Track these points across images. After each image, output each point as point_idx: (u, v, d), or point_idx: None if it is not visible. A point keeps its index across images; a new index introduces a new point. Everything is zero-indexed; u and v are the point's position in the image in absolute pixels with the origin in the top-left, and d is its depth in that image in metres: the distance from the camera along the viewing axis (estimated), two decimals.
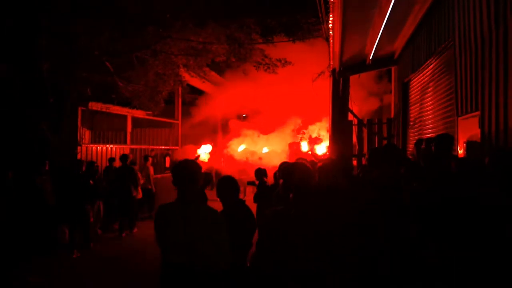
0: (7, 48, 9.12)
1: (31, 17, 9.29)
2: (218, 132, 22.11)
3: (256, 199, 6.58)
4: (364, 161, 10.81)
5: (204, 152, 15.76)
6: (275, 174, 5.87)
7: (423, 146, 4.89)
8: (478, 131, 4.71)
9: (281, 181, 2.76)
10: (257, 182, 7.00)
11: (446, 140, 4.05)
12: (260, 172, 6.97)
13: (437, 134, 6.58)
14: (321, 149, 15.33)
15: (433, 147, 4.08)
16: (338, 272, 2.33)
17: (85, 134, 12.78)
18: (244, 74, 14.44)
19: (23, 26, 9.19)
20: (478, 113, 4.80)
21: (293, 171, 2.65)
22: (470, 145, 4.01)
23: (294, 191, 2.54)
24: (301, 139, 16.55)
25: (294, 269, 2.35)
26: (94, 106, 12.58)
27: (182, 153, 16.83)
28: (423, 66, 7.81)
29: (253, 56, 13.15)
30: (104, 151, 13.09)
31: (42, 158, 8.97)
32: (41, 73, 9.57)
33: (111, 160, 11.46)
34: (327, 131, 14.46)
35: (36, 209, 8.20)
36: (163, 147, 17.57)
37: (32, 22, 9.25)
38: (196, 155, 13.55)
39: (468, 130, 5.05)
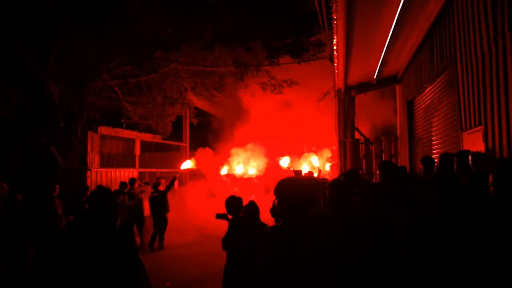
0: (19, 73, 9.41)
1: (43, 42, 9.60)
2: None
3: (225, 243, 4.53)
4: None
5: (185, 167, 15.54)
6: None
7: (436, 164, 4.95)
8: (483, 145, 4.74)
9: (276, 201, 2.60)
10: (230, 217, 4.69)
11: (466, 156, 4.16)
12: (235, 204, 4.72)
13: (443, 150, 6.63)
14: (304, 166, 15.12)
15: (455, 163, 4.17)
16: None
17: (94, 158, 12.97)
18: (251, 95, 14.65)
19: (35, 51, 9.50)
20: (481, 127, 4.84)
21: (287, 190, 2.47)
22: (475, 156, 4.07)
23: (287, 211, 2.44)
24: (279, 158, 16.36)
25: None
26: (104, 130, 12.81)
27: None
28: (426, 84, 7.89)
29: (260, 77, 13.37)
30: (113, 176, 13.23)
31: (52, 182, 9.10)
32: (52, 98, 9.82)
33: (123, 185, 11.45)
34: (331, 151, 14.50)
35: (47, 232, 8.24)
36: (171, 170, 17.67)
37: (44, 47, 9.56)
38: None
39: (473, 144, 5.08)
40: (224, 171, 16.77)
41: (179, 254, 9.14)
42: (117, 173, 13.49)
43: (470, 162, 4.09)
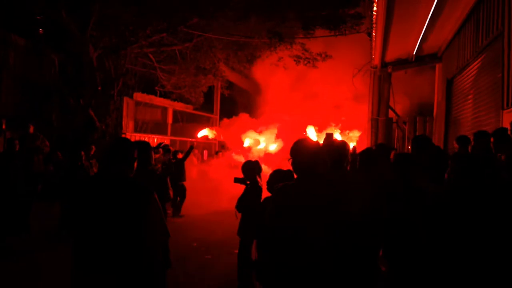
0: (62, 38, 9.71)
1: (83, 8, 9.83)
2: None
3: (239, 204, 4.78)
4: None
5: (202, 135, 15.48)
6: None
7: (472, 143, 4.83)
8: None
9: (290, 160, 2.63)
10: (247, 182, 4.86)
11: (504, 134, 4.06)
12: (250, 168, 4.83)
13: (478, 129, 6.42)
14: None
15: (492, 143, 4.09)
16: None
17: (129, 123, 13.34)
18: (284, 68, 14.46)
19: (76, 17, 9.74)
20: None
21: (301, 149, 2.48)
22: None
23: (300, 170, 2.46)
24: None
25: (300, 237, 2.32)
26: (139, 97, 13.11)
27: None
28: (468, 62, 7.58)
29: (294, 50, 13.17)
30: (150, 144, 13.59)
31: (89, 143, 9.48)
32: (91, 63, 10.11)
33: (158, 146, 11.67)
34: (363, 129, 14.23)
35: None
36: (201, 140, 17.95)
37: (84, 14, 9.78)
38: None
39: None
40: (246, 143, 16.68)
41: (205, 220, 9.38)
42: (150, 139, 13.85)
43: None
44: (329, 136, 8.14)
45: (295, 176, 2.55)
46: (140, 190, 2.64)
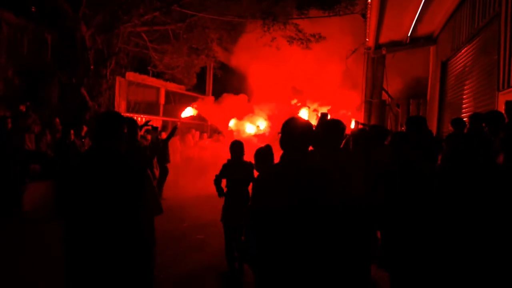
0: (55, 16, 9.50)
1: None
2: None
3: (216, 179, 4.86)
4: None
5: (186, 115, 15.38)
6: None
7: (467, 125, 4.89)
8: None
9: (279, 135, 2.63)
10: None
11: (499, 116, 4.09)
12: (236, 147, 4.86)
13: (474, 111, 6.50)
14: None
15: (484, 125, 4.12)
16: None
17: (121, 103, 13.21)
18: (277, 49, 14.32)
19: None
20: None
21: (291, 128, 2.47)
22: (509, 105, 3.99)
23: (289, 148, 2.44)
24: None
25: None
26: (131, 76, 12.95)
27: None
28: (463, 44, 7.61)
29: (287, 31, 13.05)
30: (138, 122, 13.51)
31: (81, 123, 9.38)
32: (84, 41, 9.93)
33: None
34: (357, 110, 14.25)
35: None
36: (194, 121, 17.86)
37: None
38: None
39: None
40: (231, 123, 16.59)
41: (196, 201, 9.19)
42: (142, 119, 13.75)
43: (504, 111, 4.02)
44: (324, 115, 8.13)
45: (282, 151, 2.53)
46: (133, 166, 2.61)
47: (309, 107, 15.40)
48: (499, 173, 2.63)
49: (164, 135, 9.84)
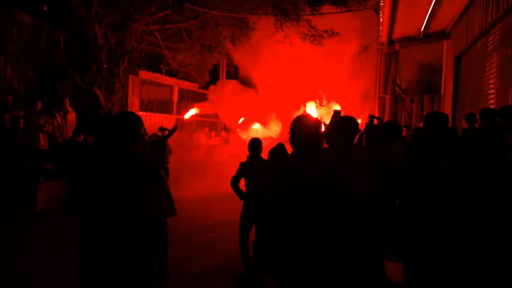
0: (67, 15, 9.66)
1: None
2: None
3: (233, 181, 4.79)
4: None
5: (190, 115, 15.30)
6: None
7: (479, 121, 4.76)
8: None
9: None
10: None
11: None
12: (254, 145, 4.80)
13: (487, 106, 6.36)
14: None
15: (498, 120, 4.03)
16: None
17: (134, 101, 13.35)
18: (290, 46, 14.21)
19: None
20: None
21: (300, 125, 2.47)
22: None
23: (298, 146, 2.47)
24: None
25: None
26: (144, 75, 13.07)
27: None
28: (478, 37, 7.45)
29: (300, 27, 12.96)
30: (151, 120, 13.65)
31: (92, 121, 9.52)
32: (96, 40, 10.07)
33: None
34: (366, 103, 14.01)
35: None
36: (207, 119, 17.92)
37: None
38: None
39: None
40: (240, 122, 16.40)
41: (210, 200, 9.16)
42: (155, 118, 13.89)
43: None
44: (337, 113, 8.09)
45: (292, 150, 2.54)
46: (148, 166, 2.61)
47: (315, 101, 15.17)
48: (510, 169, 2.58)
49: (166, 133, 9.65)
